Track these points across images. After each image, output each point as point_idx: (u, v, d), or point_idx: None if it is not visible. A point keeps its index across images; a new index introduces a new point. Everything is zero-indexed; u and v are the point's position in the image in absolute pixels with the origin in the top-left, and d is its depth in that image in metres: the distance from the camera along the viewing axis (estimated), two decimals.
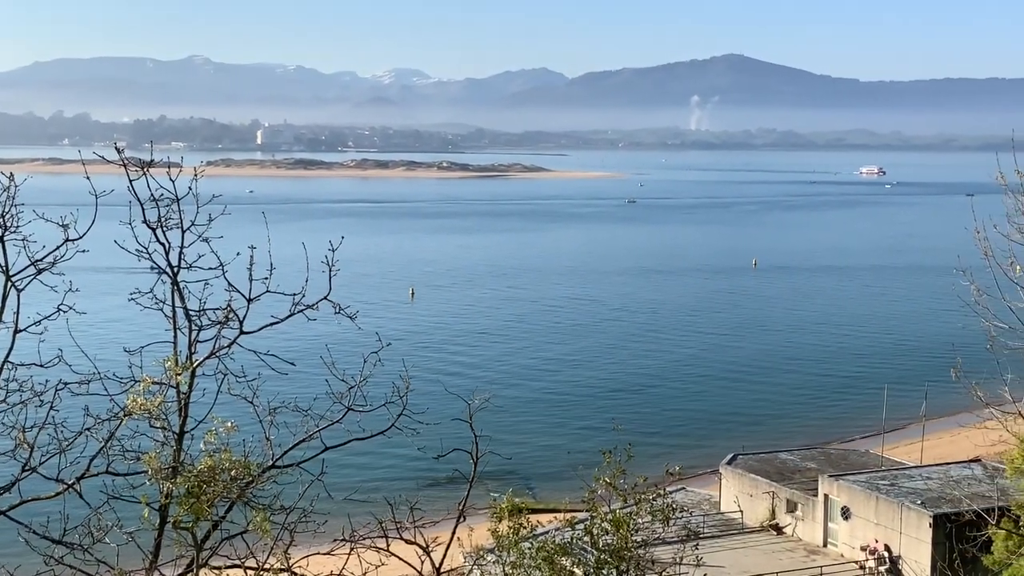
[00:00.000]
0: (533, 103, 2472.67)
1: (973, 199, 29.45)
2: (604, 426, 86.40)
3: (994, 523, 23.07)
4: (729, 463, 68.04)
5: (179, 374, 11.87)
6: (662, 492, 17.77)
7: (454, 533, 14.76)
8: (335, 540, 13.72)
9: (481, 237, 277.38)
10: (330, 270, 12.64)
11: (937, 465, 64.72)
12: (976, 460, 61.51)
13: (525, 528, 17.37)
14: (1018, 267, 19.96)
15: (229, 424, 12.14)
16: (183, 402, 11.95)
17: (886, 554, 55.87)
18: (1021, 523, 20.43)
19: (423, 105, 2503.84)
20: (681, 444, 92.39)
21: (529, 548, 16.89)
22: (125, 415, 11.69)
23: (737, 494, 65.55)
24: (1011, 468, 40.70)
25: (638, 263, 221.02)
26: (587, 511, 17.66)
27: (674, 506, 17.55)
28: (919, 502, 55.09)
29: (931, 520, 53.14)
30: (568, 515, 19.29)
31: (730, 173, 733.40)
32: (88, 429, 11.74)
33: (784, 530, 62.75)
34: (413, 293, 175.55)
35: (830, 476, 61.13)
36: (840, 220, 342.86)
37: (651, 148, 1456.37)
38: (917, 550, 54.05)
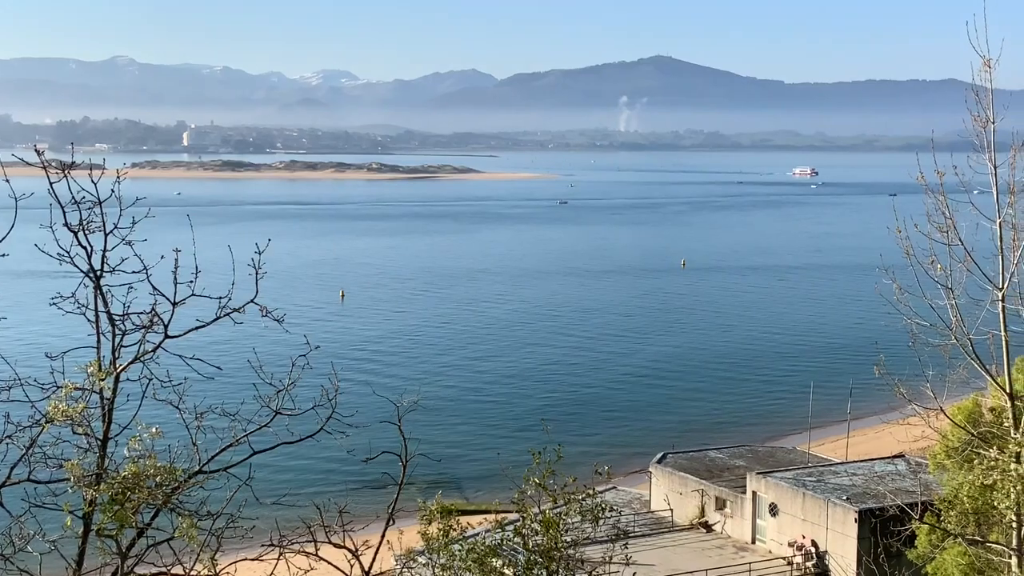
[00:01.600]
0: (463, 104, 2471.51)
1: (896, 199, 30.00)
2: (534, 427, 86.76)
3: (917, 517, 23.48)
4: (659, 462, 68.55)
5: (102, 379, 11.68)
6: (592, 492, 17.86)
7: (383, 536, 14.70)
8: (263, 545, 13.59)
9: (412, 239, 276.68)
10: (256, 273, 12.51)
11: (862, 461, 65.77)
12: (900, 456, 62.52)
13: (455, 530, 17.36)
14: (939, 266, 20.35)
15: (154, 430, 11.98)
16: (107, 408, 11.76)
17: (813, 549, 56.66)
18: (943, 517, 20.81)
19: (352, 106, 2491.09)
20: (612, 444, 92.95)
21: (459, 550, 16.88)
22: (47, 421, 11.48)
23: (667, 492, 66.07)
24: (933, 463, 41.47)
25: (569, 264, 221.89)
26: (517, 512, 17.69)
27: (604, 505, 17.64)
28: (844, 498, 55.92)
29: (856, 515, 53.98)
30: (498, 516, 19.31)
31: (659, 174, 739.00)
32: (9, 436, 11.52)
33: (713, 527, 63.35)
34: (344, 295, 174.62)
35: (758, 473, 61.83)
36: (767, 220, 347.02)
37: (580, 149, 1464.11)
38: (843, 545, 54.88)
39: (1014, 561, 20.06)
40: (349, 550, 14.37)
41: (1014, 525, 19.70)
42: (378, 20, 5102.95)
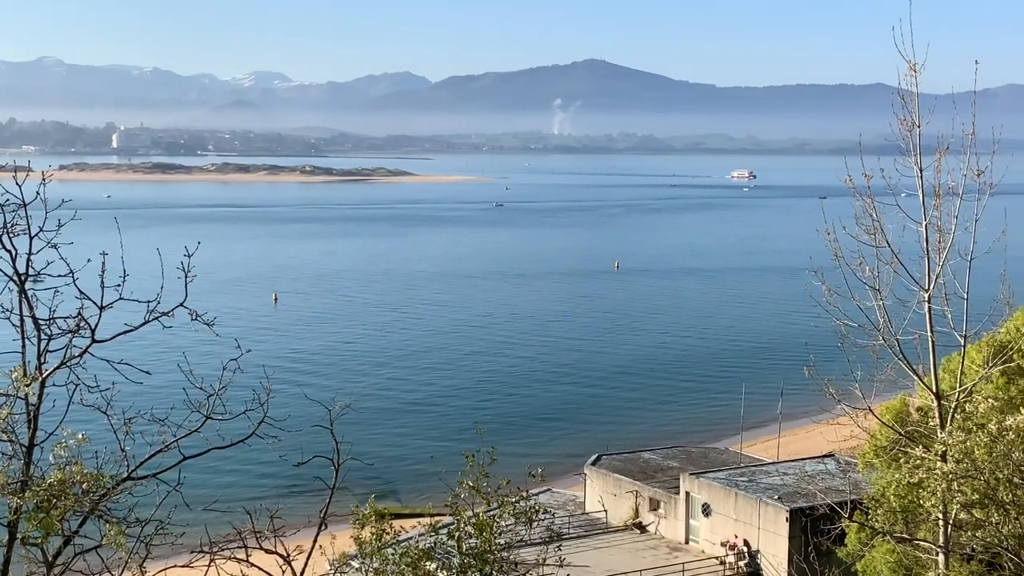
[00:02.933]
0: (397, 107, 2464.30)
1: (825, 202, 30.36)
2: (469, 430, 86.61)
3: (847, 516, 23.80)
4: (593, 463, 68.82)
5: (27, 385, 11.49)
6: (525, 494, 17.88)
7: (315, 541, 14.62)
8: (193, 552, 13.45)
9: (346, 242, 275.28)
10: (186, 276, 12.37)
11: (793, 461, 66.53)
12: (830, 455, 63.32)
13: (388, 534, 17.29)
14: (868, 268, 20.65)
15: (80, 436, 11.80)
16: (32, 414, 11.57)
17: (745, 549, 57.21)
18: (871, 516, 21.11)
19: (285, 109, 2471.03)
20: (546, 446, 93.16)
21: (393, 554, 16.82)
22: None
23: (601, 494, 66.35)
24: (862, 462, 42.08)
25: (505, 267, 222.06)
26: (451, 515, 17.66)
27: (537, 508, 17.67)
28: (776, 497, 56.53)
29: (787, 515, 54.59)
30: (432, 519, 19.27)
31: (593, 177, 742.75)
32: None
33: (647, 528, 63.73)
34: (276, 299, 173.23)
35: (691, 474, 62.31)
36: (700, 223, 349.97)
37: (515, 152, 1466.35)
38: (775, 544, 55.46)
39: (941, 558, 20.40)
40: (281, 556, 14.28)
41: (940, 523, 20.04)
42: (311, 22, 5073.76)
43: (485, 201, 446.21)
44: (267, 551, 14.05)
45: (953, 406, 20.82)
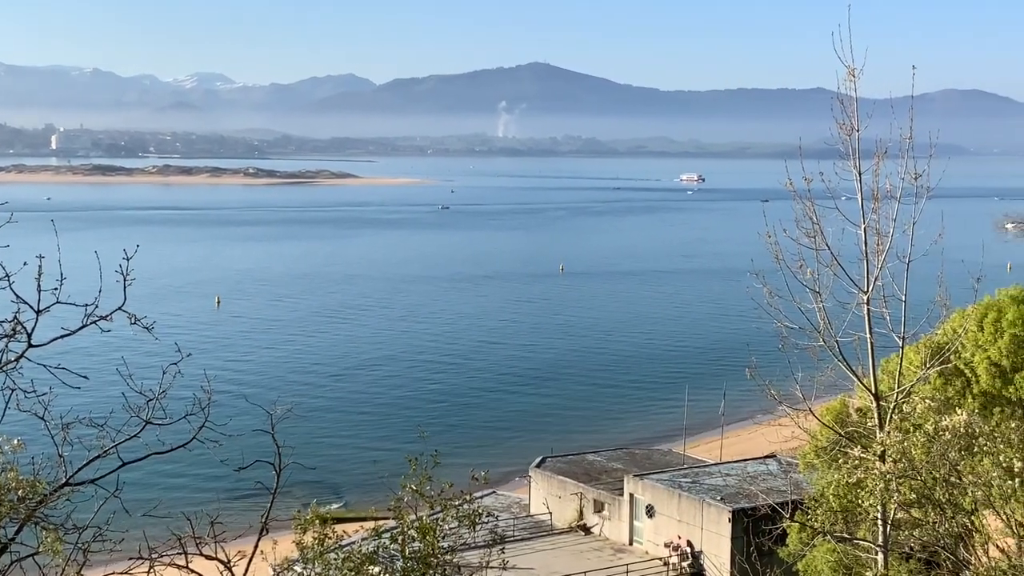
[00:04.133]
0: (341, 109, 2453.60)
1: (767, 205, 30.65)
2: (413, 434, 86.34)
3: (788, 516, 24.02)
4: (538, 466, 68.88)
5: None
6: (469, 497, 17.88)
7: (256, 546, 14.51)
8: (132, 559, 13.29)
9: (290, 244, 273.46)
10: (124, 279, 12.23)
11: (735, 462, 67.00)
12: (771, 456, 63.85)
13: (331, 538, 17.20)
14: (809, 270, 20.87)
15: (16, 442, 11.64)
16: None
17: (688, 549, 57.54)
18: (811, 516, 21.34)
19: (227, 110, 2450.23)
20: (491, 449, 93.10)
21: (336, 559, 16.73)
22: None
23: (546, 496, 66.44)
24: (803, 463, 42.56)
25: (450, 270, 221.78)
26: (394, 519, 17.61)
27: (480, 511, 17.66)
28: (719, 498, 56.93)
29: (730, 515, 54.98)
30: (376, 523, 19.19)
31: (538, 179, 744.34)
32: None
33: (592, 530, 63.89)
34: (219, 302, 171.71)
35: (635, 476, 62.56)
36: (643, 225, 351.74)
37: (459, 154, 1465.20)
38: (717, 544, 55.84)
39: (880, 558, 20.65)
40: (221, 562, 14.16)
41: (879, 522, 20.29)
42: (253, 23, 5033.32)
43: (430, 204, 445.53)
44: (207, 557, 13.93)
45: (892, 407, 21.09)
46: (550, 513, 65.66)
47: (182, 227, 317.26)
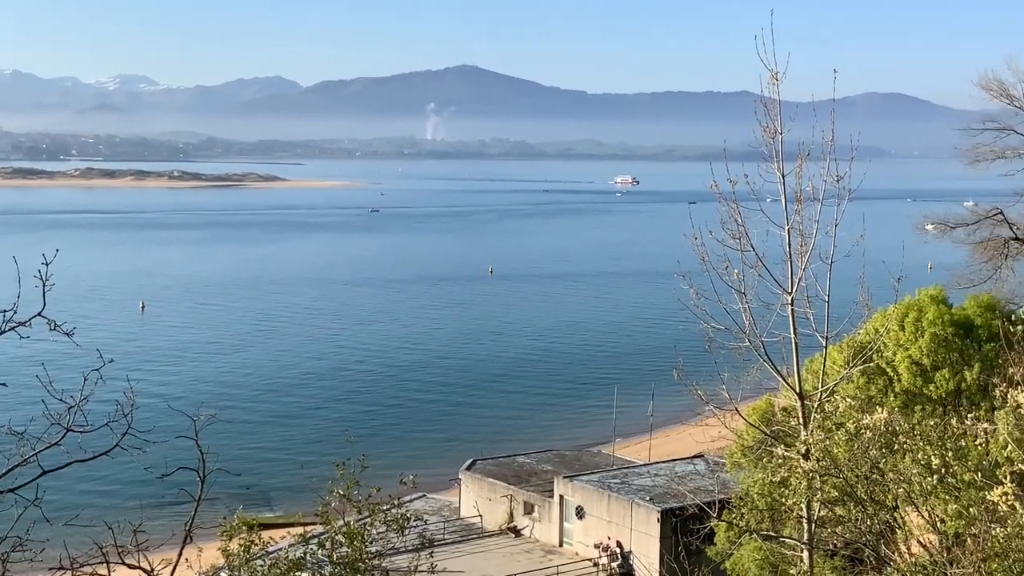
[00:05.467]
0: (267, 111, 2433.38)
1: (694, 207, 30.91)
2: (340, 438, 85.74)
3: (715, 515, 24.22)
4: (468, 469, 68.81)
5: None
6: (396, 502, 17.81)
7: (180, 554, 14.33)
8: (52, 568, 13.06)
9: (217, 248, 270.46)
10: (44, 284, 12.02)
11: (664, 462, 67.49)
12: (699, 456, 64.39)
13: (257, 545, 17.02)
14: (735, 271, 21.05)
15: None
16: None
17: (618, 550, 57.83)
18: (736, 514, 21.55)
19: (151, 113, 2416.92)
20: (422, 453, 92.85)
21: (262, 565, 16.57)
22: None
23: (476, 499, 66.38)
24: (730, 462, 42.98)
25: (379, 273, 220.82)
26: (322, 524, 17.49)
27: (408, 515, 17.60)
28: (648, 499, 57.29)
29: (659, 515, 55.35)
30: (303, 529, 19.04)
31: (467, 182, 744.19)
32: None
33: (522, 532, 63.96)
34: (144, 307, 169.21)
35: (565, 477, 62.74)
36: (572, 228, 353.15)
37: (388, 157, 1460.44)
38: (646, 545, 56.18)
39: (805, 555, 20.89)
40: (144, 570, 13.97)
41: (804, 521, 20.54)
42: (177, 24, 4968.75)
43: (359, 207, 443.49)
44: (130, 566, 13.74)
45: (815, 406, 21.37)
46: (480, 516, 65.62)
47: (105, 231, 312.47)
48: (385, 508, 17.38)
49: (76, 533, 13.74)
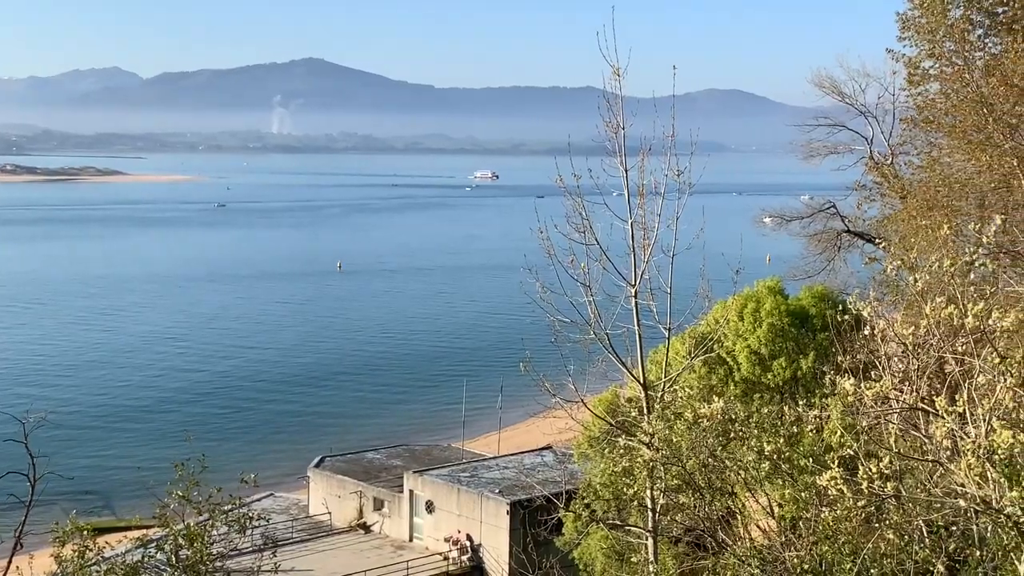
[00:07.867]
0: (105, 104, 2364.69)
1: (542, 201, 31.12)
2: (180, 438, 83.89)
3: (563, 506, 24.41)
4: (316, 466, 68.23)
5: None
6: (237, 502, 17.46)
7: (10, 562, 13.77)
8: None
9: (53, 245, 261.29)
10: None
11: (513, 455, 68.07)
12: (548, 448, 65.01)
13: (92, 551, 16.47)
14: (582, 265, 21.24)
15: None
16: None
17: (468, 543, 58.05)
18: (579, 504, 21.80)
19: None
20: (269, 451, 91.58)
21: (98, 571, 16.05)
22: None
23: (325, 496, 65.84)
24: (578, 453, 43.52)
25: (226, 269, 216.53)
26: (161, 527, 17.02)
27: (251, 515, 17.27)
28: (497, 491, 57.63)
29: (508, 507, 55.76)
30: (141, 532, 18.51)
31: (314, 176, 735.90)
32: None
33: (372, 528, 63.69)
34: None
35: (415, 472, 62.70)
36: (422, 222, 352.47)
37: (233, 151, 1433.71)
38: (496, 537, 56.54)
39: (650, 542, 21.23)
40: None
41: (648, 509, 20.87)
42: (6, 11, 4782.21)
43: (204, 201, 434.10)
44: None
45: (659, 396, 21.73)
46: (329, 513, 65.09)
47: None
48: (227, 509, 17.01)
49: None
